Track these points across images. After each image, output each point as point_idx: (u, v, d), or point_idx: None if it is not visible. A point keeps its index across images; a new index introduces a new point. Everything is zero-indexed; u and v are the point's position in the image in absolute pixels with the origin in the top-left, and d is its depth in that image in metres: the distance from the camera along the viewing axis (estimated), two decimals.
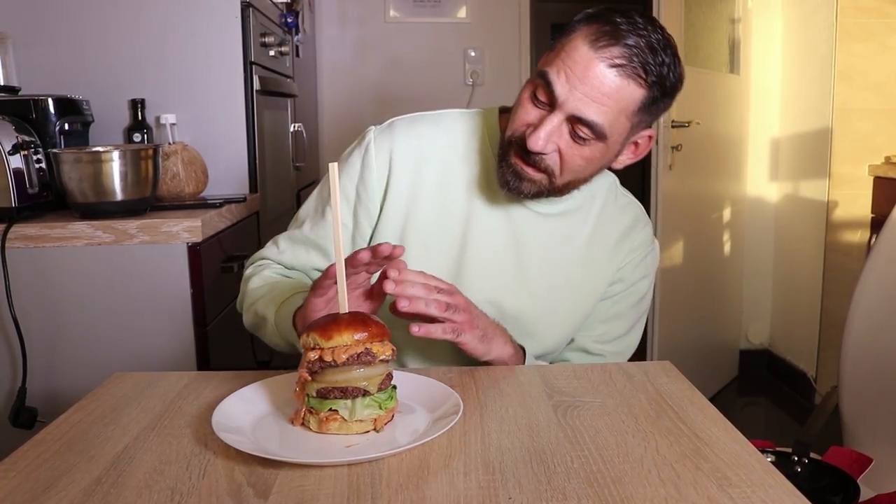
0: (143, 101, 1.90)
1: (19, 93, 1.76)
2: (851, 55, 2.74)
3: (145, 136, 1.89)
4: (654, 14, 2.61)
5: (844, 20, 2.73)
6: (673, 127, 2.70)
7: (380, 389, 0.80)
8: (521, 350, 1.06)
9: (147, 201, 1.58)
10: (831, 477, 1.26)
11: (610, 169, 1.10)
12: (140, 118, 1.90)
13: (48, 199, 1.62)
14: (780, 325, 3.27)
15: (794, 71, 3.10)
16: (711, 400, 2.71)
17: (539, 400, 0.90)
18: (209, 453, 0.76)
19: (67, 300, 1.50)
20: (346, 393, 0.79)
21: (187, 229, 1.49)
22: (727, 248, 3.19)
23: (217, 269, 1.61)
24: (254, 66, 1.96)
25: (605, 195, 1.16)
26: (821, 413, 1.41)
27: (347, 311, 0.83)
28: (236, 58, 1.93)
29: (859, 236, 2.74)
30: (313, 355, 0.79)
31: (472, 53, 3.30)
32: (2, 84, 1.76)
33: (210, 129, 1.95)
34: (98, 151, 1.54)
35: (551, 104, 0.96)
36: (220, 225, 1.63)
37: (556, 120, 0.96)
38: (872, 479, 1.31)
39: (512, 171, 1.01)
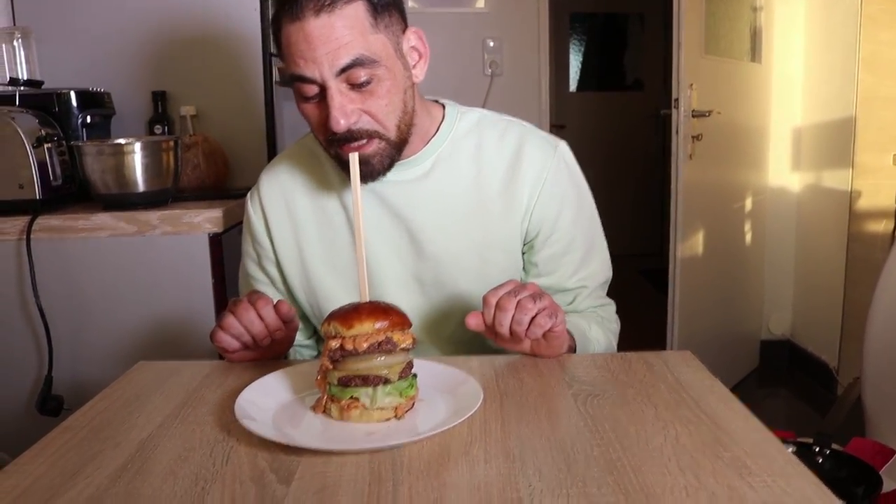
0: (163, 94, 1.92)
1: (42, 87, 1.78)
2: (876, 42, 2.69)
3: (166, 128, 1.91)
4: (675, 3, 2.59)
5: (869, 7, 2.69)
6: (693, 116, 2.68)
7: (400, 377, 0.81)
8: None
9: (169, 192, 1.60)
10: (853, 468, 1.25)
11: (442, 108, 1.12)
12: (161, 110, 1.92)
13: (72, 191, 1.64)
14: (802, 316, 3.24)
15: (817, 59, 3.06)
16: (733, 390, 2.70)
17: (559, 389, 0.90)
18: (232, 440, 0.77)
19: (91, 290, 1.52)
20: (368, 381, 0.79)
21: (209, 220, 1.51)
22: (748, 238, 3.16)
23: (237, 258, 1.62)
24: (273, 58, 1.97)
25: (476, 131, 1.12)
26: (843, 404, 1.40)
27: (367, 300, 0.84)
28: (256, 49, 1.94)
29: (883, 226, 2.71)
30: (335, 344, 0.80)
31: (491, 43, 3.29)
32: (26, 78, 1.79)
33: (230, 120, 1.96)
34: (120, 144, 1.56)
35: (319, 88, 0.96)
36: (240, 215, 1.64)
37: (332, 93, 0.95)
38: (895, 471, 1.30)
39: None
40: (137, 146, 1.53)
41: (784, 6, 3.10)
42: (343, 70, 0.95)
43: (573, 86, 5.59)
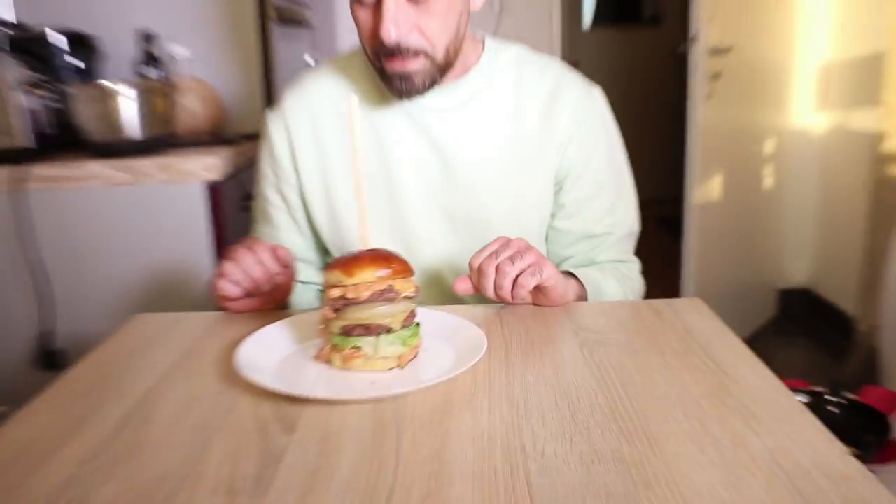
0: (153, 35, 1.91)
1: (24, 28, 1.78)
2: None
3: (157, 71, 1.91)
4: None
5: None
6: (712, 54, 2.65)
7: (403, 326, 0.83)
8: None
9: (164, 139, 1.61)
10: (865, 416, 1.28)
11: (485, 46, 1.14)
12: (151, 52, 1.91)
13: (63, 139, 1.65)
14: (822, 264, 3.25)
15: None
16: (749, 339, 2.71)
17: (565, 336, 0.92)
18: (235, 390, 0.80)
19: (87, 241, 1.54)
20: (370, 330, 0.82)
21: (205, 167, 1.52)
22: (768, 182, 3.15)
23: (236, 206, 1.64)
24: None
25: (515, 66, 1.15)
26: (858, 352, 1.42)
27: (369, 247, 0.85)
28: None
29: None
30: (336, 292, 0.82)
31: None
32: (14, 21, 1.78)
33: (225, 63, 1.96)
34: (113, 87, 1.56)
35: None
36: (238, 162, 1.66)
37: (388, 2, 0.97)
38: None
39: (395, 76, 1.03)
40: (131, 91, 1.53)
41: None
42: None
43: (587, 21, 5.50)
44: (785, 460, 0.63)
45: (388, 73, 1.03)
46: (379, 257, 0.83)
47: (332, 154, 1.13)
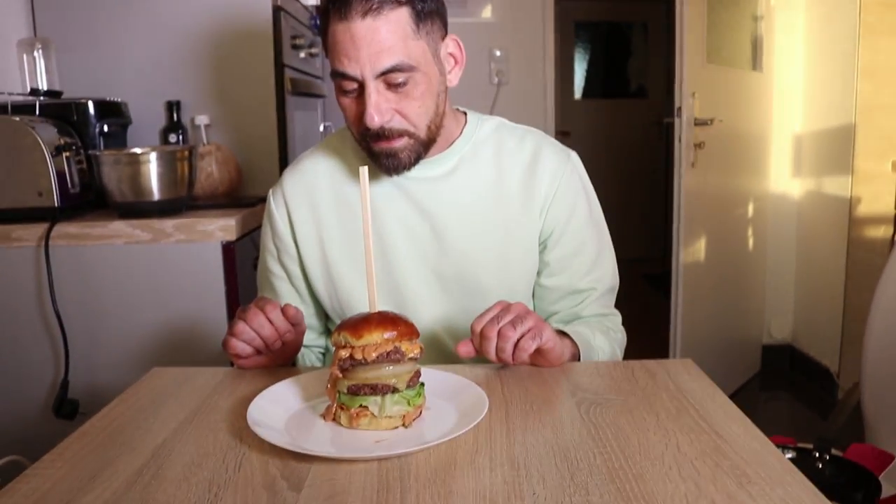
0: (178, 103, 1.93)
1: (61, 97, 1.80)
2: (875, 51, 2.69)
3: (180, 136, 1.92)
4: (678, 13, 2.59)
5: (867, 16, 2.68)
6: (696, 124, 2.68)
7: (408, 386, 0.82)
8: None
9: (183, 201, 1.61)
10: (853, 474, 1.25)
11: (466, 111, 1.17)
12: (175, 119, 1.93)
13: (89, 199, 1.65)
14: (803, 321, 3.23)
15: (817, 67, 3.05)
16: (734, 394, 2.68)
17: (563, 397, 0.90)
18: (244, 447, 0.78)
19: (107, 296, 1.53)
20: (376, 390, 0.80)
21: (222, 228, 1.51)
22: (750, 243, 3.16)
23: (250, 266, 1.63)
24: (285, 68, 1.98)
25: (495, 136, 1.17)
26: (843, 409, 1.40)
27: (376, 310, 0.84)
28: (268, 60, 1.95)
29: (882, 232, 2.70)
30: (344, 353, 0.81)
31: (498, 53, 3.30)
32: (46, 88, 1.80)
33: (243, 129, 1.97)
34: (136, 153, 1.57)
35: (358, 85, 1.01)
36: (252, 223, 1.66)
37: (370, 91, 1.00)
38: (894, 476, 1.29)
39: (382, 155, 1.05)
40: (153, 156, 1.54)
41: (784, 15, 3.10)
42: (383, 73, 0.99)
43: (578, 93, 5.59)
44: None
45: (375, 153, 1.06)
46: (386, 319, 0.82)
47: (330, 227, 1.15)
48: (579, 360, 1.07)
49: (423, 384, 0.84)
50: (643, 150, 5.43)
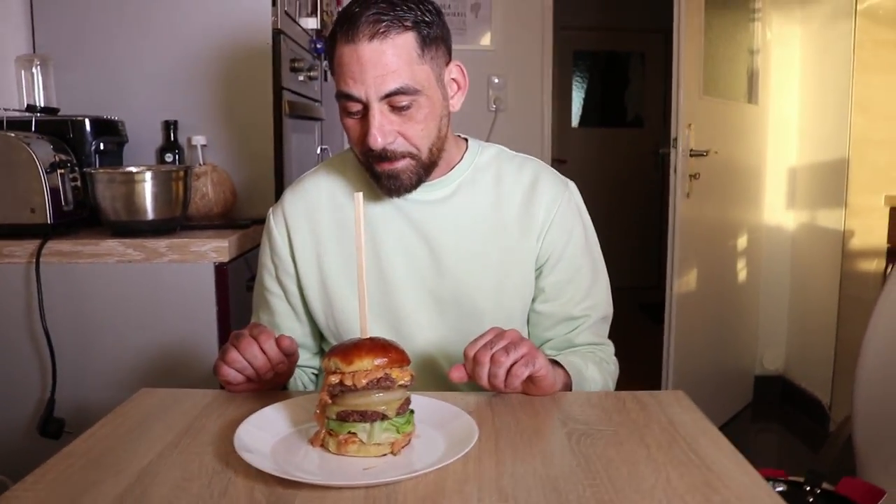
0: (175, 123, 1.93)
1: (58, 113, 1.80)
2: (868, 86, 2.72)
3: (177, 156, 1.92)
4: (675, 45, 2.62)
5: (862, 52, 2.71)
6: (691, 155, 2.69)
7: (398, 414, 0.81)
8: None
9: (177, 221, 1.60)
10: None
11: (464, 137, 1.19)
12: (172, 139, 1.93)
13: (82, 217, 1.65)
14: (796, 352, 3.23)
15: (811, 101, 3.08)
16: (725, 424, 2.66)
17: (553, 427, 0.90)
18: (230, 472, 0.77)
19: (97, 315, 1.52)
20: (365, 416, 0.79)
21: (215, 249, 1.51)
22: (744, 274, 3.16)
23: (243, 288, 1.63)
24: (283, 91, 1.98)
25: (495, 163, 1.18)
26: (834, 443, 1.39)
27: (367, 336, 0.84)
28: (266, 82, 1.95)
29: (875, 266, 2.71)
30: (334, 379, 0.80)
31: (496, 80, 3.33)
32: (42, 105, 1.80)
33: (240, 151, 1.97)
34: (131, 172, 1.57)
35: (362, 107, 1.02)
36: (246, 245, 1.65)
37: (374, 112, 1.01)
38: None
39: (384, 176, 1.07)
40: (148, 175, 1.54)
41: (781, 49, 3.13)
42: (387, 95, 1.00)
43: (575, 121, 5.63)
44: None
45: (377, 174, 1.07)
46: (377, 346, 0.81)
47: (328, 247, 1.15)
48: (571, 389, 1.06)
49: (412, 412, 0.83)
50: (639, 179, 5.46)
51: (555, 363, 1.05)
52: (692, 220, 2.76)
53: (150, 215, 1.54)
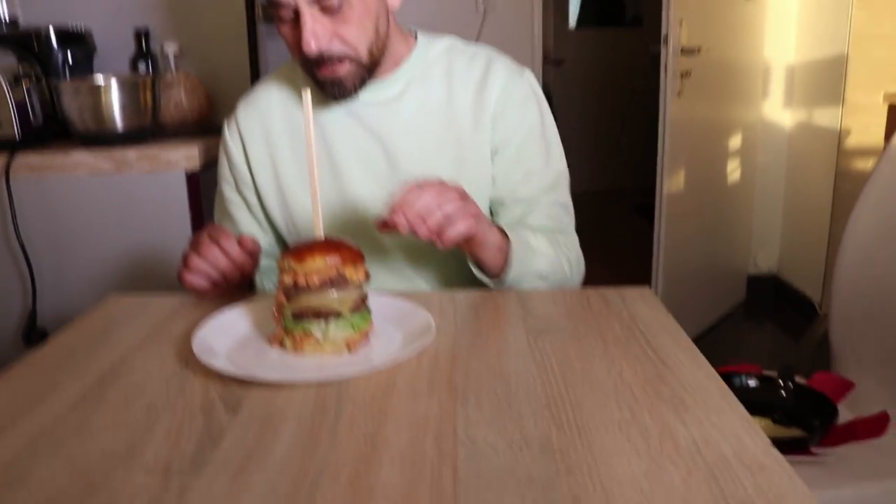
0: (147, 31, 1.87)
1: (21, 24, 1.74)
2: None
3: (149, 64, 1.88)
4: None
5: None
6: (682, 53, 2.62)
7: (353, 311, 0.81)
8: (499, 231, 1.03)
9: (147, 130, 1.58)
10: (814, 401, 1.26)
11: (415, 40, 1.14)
12: (144, 48, 1.88)
13: (53, 130, 1.62)
14: (789, 252, 3.24)
15: None
16: (717, 323, 2.67)
17: (514, 324, 0.90)
18: (188, 372, 0.78)
19: (73, 227, 1.52)
20: (320, 315, 0.80)
21: (186, 157, 1.49)
22: (738, 173, 3.13)
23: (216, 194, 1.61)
24: None
25: (446, 57, 1.15)
26: (810, 338, 1.41)
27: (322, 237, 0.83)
28: None
29: (871, 165, 2.65)
30: (288, 279, 0.80)
31: None
32: (7, 17, 1.74)
33: (214, 58, 1.93)
34: (96, 82, 1.53)
35: (293, 12, 0.98)
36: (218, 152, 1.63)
37: (305, 17, 0.97)
38: (854, 404, 1.31)
39: (326, 82, 1.04)
40: (114, 84, 1.51)
41: None
42: None
43: (573, 21, 5.45)
44: (708, 451, 0.60)
45: (319, 80, 1.04)
46: (330, 245, 0.81)
47: (283, 154, 1.14)
48: (508, 254, 1.02)
49: (369, 310, 0.83)
50: (636, 80, 5.33)
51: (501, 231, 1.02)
52: (683, 119, 2.71)
53: (119, 125, 1.51)
